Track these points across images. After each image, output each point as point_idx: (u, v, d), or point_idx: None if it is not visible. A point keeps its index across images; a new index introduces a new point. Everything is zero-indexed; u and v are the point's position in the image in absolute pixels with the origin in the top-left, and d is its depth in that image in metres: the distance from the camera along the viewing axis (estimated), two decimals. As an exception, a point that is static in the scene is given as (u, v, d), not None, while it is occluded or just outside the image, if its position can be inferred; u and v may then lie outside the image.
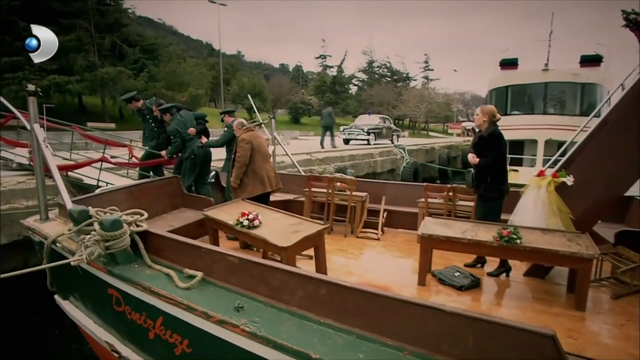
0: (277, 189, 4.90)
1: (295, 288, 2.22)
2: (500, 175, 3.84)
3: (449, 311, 1.77)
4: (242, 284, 2.45)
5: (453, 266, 3.78)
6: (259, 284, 2.38)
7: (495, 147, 3.75)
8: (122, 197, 4.30)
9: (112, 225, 2.76)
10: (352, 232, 5.26)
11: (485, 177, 3.83)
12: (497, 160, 3.79)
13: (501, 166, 3.86)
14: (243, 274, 2.46)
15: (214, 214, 3.97)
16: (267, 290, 2.33)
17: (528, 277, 3.75)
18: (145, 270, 2.75)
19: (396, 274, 3.85)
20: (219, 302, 2.32)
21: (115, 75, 21.68)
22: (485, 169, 3.81)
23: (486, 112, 3.82)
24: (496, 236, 3.21)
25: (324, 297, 2.12)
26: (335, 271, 3.81)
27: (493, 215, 3.83)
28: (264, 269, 2.36)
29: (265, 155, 4.81)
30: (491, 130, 3.79)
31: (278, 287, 2.29)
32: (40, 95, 3.61)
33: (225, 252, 2.55)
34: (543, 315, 2.97)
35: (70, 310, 3.62)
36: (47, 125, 7.71)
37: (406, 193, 5.76)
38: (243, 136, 4.69)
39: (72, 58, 20.95)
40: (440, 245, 3.48)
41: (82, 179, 6.48)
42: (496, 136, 3.76)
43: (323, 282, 2.14)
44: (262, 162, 4.72)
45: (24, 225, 3.80)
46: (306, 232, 3.37)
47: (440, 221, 3.70)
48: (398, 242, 4.99)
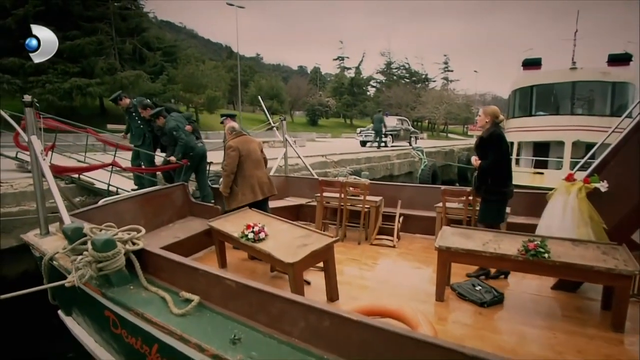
0: (269, 195, 4.67)
1: (297, 318, 2.02)
2: (501, 177, 3.71)
3: (470, 354, 1.52)
4: (240, 310, 2.25)
5: (473, 279, 3.51)
6: (257, 312, 2.18)
7: (494, 149, 3.64)
8: (126, 207, 4.17)
9: (105, 245, 2.60)
10: (367, 238, 5.03)
11: (486, 180, 3.74)
12: (497, 162, 3.67)
13: (502, 168, 3.73)
14: (241, 300, 2.26)
15: (219, 225, 3.79)
16: (267, 319, 2.14)
17: (556, 290, 3.45)
18: (141, 293, 2.59)
19: (413, 287, 3.60)
20: (214, 332, 2.13)
21: (134, 78, 21.95)
22: (486, 171, 3.73)
23: (489, 113, 3.75)
24: (521, 249, 2.93)
25: (328, 330, 1.91)
26: (347, 284, 3.59)
27: (495, 219, 3.76)
28: (263, 296, 2.16)
29: (256, 161, 4.59)
30: (491, 131, 3.69)
31: (278, 317, 2.09)
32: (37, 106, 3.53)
33: (222, 276, 2.36)
34: (576, 338, 2.68)
35: (72, 327, 3.50)
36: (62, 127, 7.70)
37: (423, 196, 5.50)
38: (230, 143, 4.51)
39: (93, 61, 21.34)
40: (459, 259, 3.21)
41: (93, 183, 6.41)
42: (496, 137, 3.66)
43: (326, 313, 1.92)
44: (253, 169, 4.52)
45: (24, 239, 3.70)
46: (315, 245, 3.15)
47: (459, 231, 3.42)
48: (415, 249, 4.73)
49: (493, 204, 3.78)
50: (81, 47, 20.95)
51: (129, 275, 2.71)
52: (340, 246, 4.73)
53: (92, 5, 22.76)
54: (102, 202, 4.22)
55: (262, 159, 4.72)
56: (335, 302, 3.30)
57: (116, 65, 22.73)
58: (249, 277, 3.82)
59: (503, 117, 3.78)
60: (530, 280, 3.63)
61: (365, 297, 3.40)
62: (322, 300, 3.31)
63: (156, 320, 2.26)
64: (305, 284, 3.52)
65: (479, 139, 3.82)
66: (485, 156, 3.73)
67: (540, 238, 3.03)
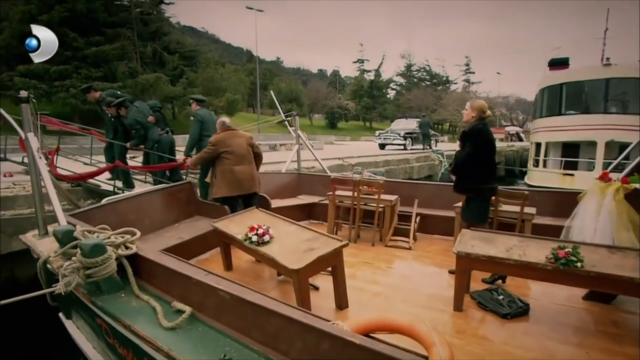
0: (248, 192, 4.59)
1: (294, 338, 1.80)
2: (480, 174, 3.58)
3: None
4: (234, 324, 2.05)
5: (495, 287, 3.22)
6: (252, 328, 1.97)
7: (473, 142, 3.54)
8: (129, 207, 4.03)
9: (93, 250, 2.43)
10: (381, 239, 4.78)
11: (461, 175, 3.65)
12: (471, 156, 3.54)
13: (480, 164, 3.57)
14: (235, 313, 2.06)
15: (223, 226, 3.61)
16: (261, 335, 1.92)
17: (589, 301, 3.12)
18: (131, 302, 2.40)
19: (429, 295, 3.33)
20: (204, 349, 1.93)
21: (154, 81, 22.26)
22: (458, 162, 3.64)
23: (475, 108, 3.64)
24: (550, 257, 2.63)
25: (327, 353, 1.68)
26: (358, 290, 3.35)
27: (477, 218, 3.65)
28: (258, 311, 1.95)
29: (240, 156, 4.55)
30: (473, 125, 3.59)
31: (273, 334, 1.88)
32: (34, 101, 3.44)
33: (215, 286, 2.14)
34: (612, 358, 2.37)
35: (72, 331, 3.36)
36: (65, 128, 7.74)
37: (442, 195, 5.18)
38: (211, 139, 4.60)
39: (115, 65, 21.74)
40: (480, 266, 2.93)
41: (99, 185, 6.35)
42: (476, 131, 3.55)
43: (326, 334, 1.69)
44: (233, 164, 4.50)
45: (22, 240, 3.61)
46: (322, 250, 2.92)
47: (480, 234, 3.13)
48: (432, 251, 4.46)
49: (472, 202, 3.67)
50: (104, 52, 21.38)
51: (120, 281, 2.54)
52: (352, 247, 4.49)
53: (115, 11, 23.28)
54: (104, 201, 4.10)
55: (251, 153, 4.67)
56: (344, 310, 3.07)
57: (137, 68, 23.15)
58: (255, 282, 3.68)
59: (490, 112, 3.67)
60: (559, 289, 3.28)
61: (377, 305, 3.17)
62: (331, 308, 3.08)
63: (143, 334, 2.07)
64: (314, 290, 3.31)
65: (462, 132, 3.72)
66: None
67: (571, 245, 2.72)
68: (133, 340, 2.20)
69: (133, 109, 6.06)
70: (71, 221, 3.24)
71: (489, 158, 3.65)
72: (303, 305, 2.68)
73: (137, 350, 2.21)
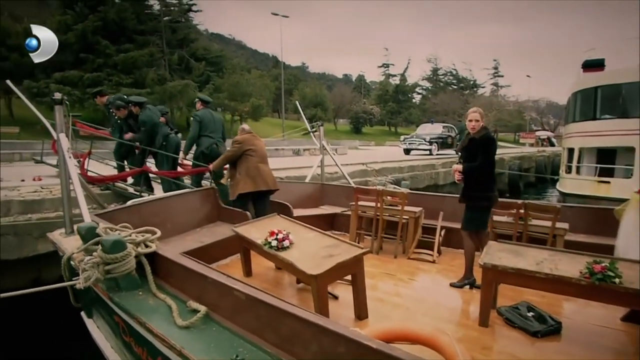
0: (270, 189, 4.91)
1: (309, 340, 1.74)
2: (488, 182, 3.59)
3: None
4: (248, 325, 2.01)
5: (525, 303, 3.04)
6: (266, 329, 1.93)
7: (485, 152, 3.50)
8: (153, 210, 4.09)
9: (113, 246, 2.46)
10: (404, 252, 4.66)
11: (472, 184, 3.60)
12: (486, 166, 3.53)
13: (490, 172, 3.60)
14: (249, 314, 2.03)
15: (244, 231, 3.60)
16: (276, 337, 1.88)
17: (628, 323, 2.91)
18: (148, 300, 2.42)
19: (453, 309, 3.20)
20: (217, 350, 1.90)
21: (182, 87, 22.80)
22: (471, 174, 3.59)
23: (483, 115, 3.67)
24: (585, 271, 2.46)
25: (343, 357, 1.61)
26: (378, 301, 3.26)
27: (480, 225, 3.66)
28: (272, 312, 1.90)
29: (262, 156, 5.00)
30: (483, 133, 3.54)
31: (288, 336, 1.82)
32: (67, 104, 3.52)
33: (231, 286, 2.12)
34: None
35: (92, 330, 3.42)
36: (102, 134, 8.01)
37: None
38: (237, 138, 5.01)
39: (145, 72, 22.44)
40: (508, 280, 2.78)
41: (127, 189, 6.50)
42: (489, 140, 3.54)
43: (342, 337, 1.62)
44: (258, 162, 4.89)
45: (49, 238, 3.70)
46: (342, 257, 2.85)
47: (508, 247, 2.98)
48: (457, 265, 4.29)
49: (478, 210, 3.64)
50: (134, 59, 22.08)
51: (138, 279, 2.57)
52: (374, 259, 4.41)
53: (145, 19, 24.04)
54: (130, 203, 4.17)
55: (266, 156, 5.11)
56: (363, 320, 2.98)
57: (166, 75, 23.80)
58: (274, 288, 3.63)
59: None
60: (595, 308, 3.09)
61: (398, 317, 3.06)
62: (349, 318, 3.00)
63: (157, 331, 2.07)
64: (332, 299, 3.24)
65: (469, 140, 3.62)
66: (473, 158, 3.55)
67: (608, 259, 2.54)
68: (148, 337, 2.21)
69: (148, 109, 6.45)
70: (96, 220, 3.31)
71: (494, 165, 3.68)
72: (321, 313, 2.62)
73: (151, 348, 2.22)
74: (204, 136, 5.86)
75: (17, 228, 5.31)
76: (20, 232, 5.32)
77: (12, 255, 5.27)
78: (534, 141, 45.34)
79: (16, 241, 5.32)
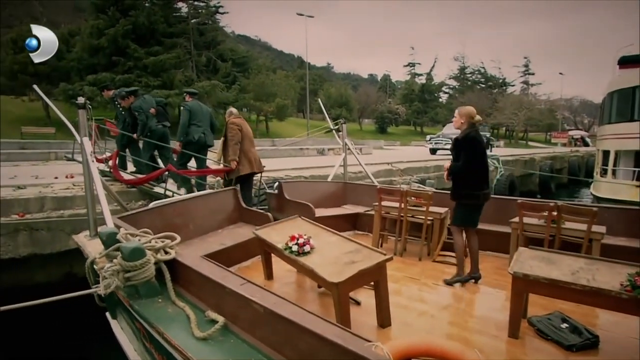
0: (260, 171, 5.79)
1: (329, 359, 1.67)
2: (475, 181, 3.66)
3: None
4: (267, 340, 1.96)
5: (558, 313, 2.88)
6: (285, 345, 1.87)
7: (467, 151, 3.61)
8: (175, 211, 4.10)
9: (132, 254, 2.45)
10: (429, 254, 4.53)
11: (459, 183, 3.72)
12: (468, 165, 3.61)
13: (475, 171, 3.66)
14: (268, 328, 1.97)
15: (264, 234, 3.55)
16: (295, 354, 1.81)
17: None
18: (167, 308, 2.40)
19: (480, 317, 3.06)
20: None
21: (210, 88, 23.17)
22: (456, 173, 3.72)
23: (463, 114, 3.71)
24: (626, 284, 2.29)
25: None
26: (402, 308, 3.16)
27: (469, 222, 3.76)
28: (291, 327, 1.83)
29: (251, 140, 5.68)
30: (466, 133, 3.65)
31: (307, 354, 1.75)
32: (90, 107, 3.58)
33: (249, 298, 2.06)
34: None
35: (117, 332, 3.45)
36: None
37: (496, 209, 4.80)
38: (233, 120, 5.50)
39: (173, 74, 22.92)
40: (539, 290, 2.61)
41: (151, 188, 6.62)
42: (470, 139, 3.62)
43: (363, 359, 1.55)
44: (250, 145, 5.54)
45: (74, 240, 3.77)
46: (364, 264, 2.77)
47: (540, 254, 2.82)
48: (484, 269, 4.11)
49: (466, 208, 3.73)
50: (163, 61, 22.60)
51: (158, 286, 2.55)
52: (398, 261, 4.29)
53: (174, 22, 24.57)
54: (152, 205, 4.21)
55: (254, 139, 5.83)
56: (386, 328, 2.88)
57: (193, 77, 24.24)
58: (295, 292, 3.58)
59: (479, 117, 3.76)
60: (635, 320, 2.88)
61: (422, 325, 2.95)
62: (372, 326, 2.91)
63: (175, 342, 2.04)
64: (355, 304, 3.17)
65: (454, 140, 3.78)
66: (458, 158, 3.66)
67: (652, 270, 2.36)
68: (166, 347, 2.18)
69: (140, 98, 7.05)
70: (118, 223, 3.34)
71: (483, 164, 3.73)
72: (342, 322, 2.54)
73: (170, 358, 2.19)
74: (193, 125, 6.44)
75: (50, 224, 5.49)
76: (53, 227, 5.50)
77: (45, 250, 5.45)
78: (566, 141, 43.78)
79: (49, 236, 5.50)
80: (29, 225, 5.35)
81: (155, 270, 2.56)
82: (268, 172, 7.69)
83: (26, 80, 20.94)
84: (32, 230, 5.38)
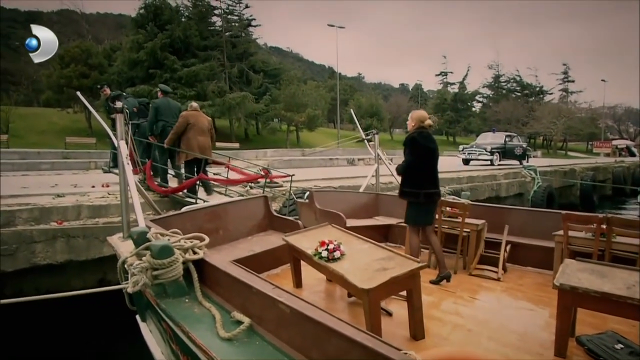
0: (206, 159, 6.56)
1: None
2: (415, 180, 3.86)
3: None
4: (293, 342, 1.89)
5: (611, 332, 2.64)
6: (311, 347, 1.79)
7: (407, 150, 3.89)
8: (205, 216, 4.12)
9: (161, 252, 2.45)
10: (465, 267, 4.33)
11: (402, 182, 3.96)
12: (406, 164, 3.89)
13: (414, 170, 3.88)
14: (294, 329, 1.90)
15: (294, 241, 3.49)
16: (321, 357, 1.73)
17: None
18: (194, 308, 2.38)
19: (522, 334, 2.85)
20: None
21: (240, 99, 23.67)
22: (399, 173, 4.01)
23: (414, 118, 3.99)
24: (690, 300, 2.07)
25: None
26: (437, 321, 3.01)
27: (415, 220, 3.93)
28: (318, 329, 1.75)
29: (201, 129, 6.40)
30: (408, 134, 3.93)
31: (334, 356, 1.67)
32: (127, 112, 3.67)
33: (276, 298, 2.01)
34: None
35: (145, 334, 3.47)
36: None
37: (537, 222, 4.59)
38: (183, 113, 6.43)
39: (206, 85, 23.60)
40: (589, 304, 2.40)
41: (183, 197, 6.72)
42: (409, 140, 3.88)
43: None
44: (196, 134, 6.28)
45: (108, 241, 3.85)
46: (396, 271, 2.65)
47: (590, 267, 2.60)
48: (526, 285, 3.89)
49: (411, 206, 3.92)
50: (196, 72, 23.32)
51: (185, 286, 2.54)
52: (432, 274, 4.11)
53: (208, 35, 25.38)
54: (185, 209, 4.26)
55: (209, 130, 6.62)
56: (419, 340, 2.74)
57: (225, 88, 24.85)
58: (324, 301, 3.48)
59: (430, 122, 4.01)
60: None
61: (459, 339, 2.78)
62: (404, 337, 2.77)
63: (199, 342, 2.02)
64: (386, 315, 3.04)
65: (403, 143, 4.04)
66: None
67: None
68: (191, 347, 2.16)
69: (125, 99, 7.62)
70: (149, 224, 3.38)
71: (427, 164, 3.89)
72: (372, 331, 2.42)
73: (194, 358, 2.17)
74: (160, 120, 6.91)
75: (86, 231, 5.65)
76: (88, 234, 5.65)
77: (80, 257, 5.60)
78: (610, 151, 41.70)
79: (85, 243, 5.65)
80: (66, 232, 5.52)
81: (184, 271, 2.56)
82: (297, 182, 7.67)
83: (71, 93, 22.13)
84: (69, 237, 5.54)
